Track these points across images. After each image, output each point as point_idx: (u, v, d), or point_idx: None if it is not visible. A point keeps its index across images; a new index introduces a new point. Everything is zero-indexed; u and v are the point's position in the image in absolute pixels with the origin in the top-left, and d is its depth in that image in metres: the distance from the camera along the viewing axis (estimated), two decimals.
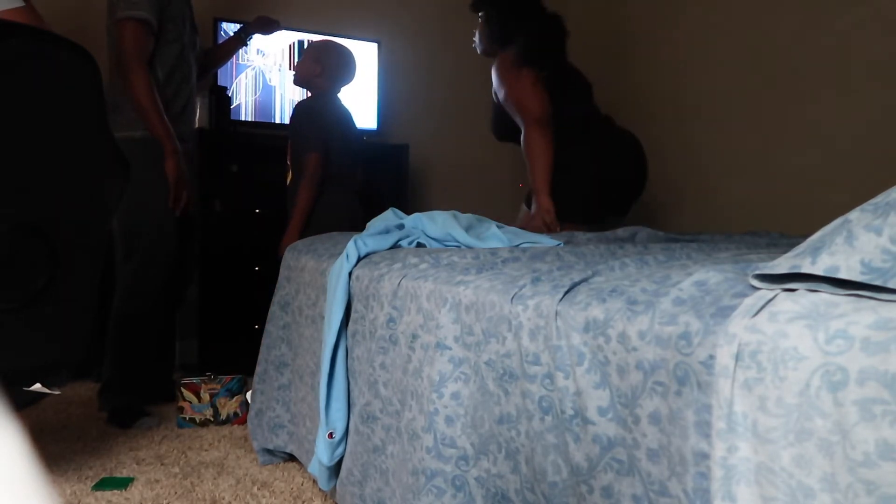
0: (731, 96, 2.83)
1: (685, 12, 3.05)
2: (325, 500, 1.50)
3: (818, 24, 2.51)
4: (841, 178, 2.42)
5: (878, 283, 0.52)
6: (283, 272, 1.76)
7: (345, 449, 1.27)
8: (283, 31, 2.74)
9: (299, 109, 2.36)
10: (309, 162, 2.25)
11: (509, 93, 2.32)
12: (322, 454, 1.27)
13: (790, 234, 1.87)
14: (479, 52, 2.49)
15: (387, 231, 1.47)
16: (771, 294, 0.60)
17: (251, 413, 1.76)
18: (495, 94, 2.42)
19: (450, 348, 0.97)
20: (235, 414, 2.08)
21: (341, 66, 2.39)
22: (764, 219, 2.64)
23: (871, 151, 2.35)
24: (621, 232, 1.65)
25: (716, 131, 2.91)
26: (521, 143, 2.31)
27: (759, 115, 2.72)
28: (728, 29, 2.86)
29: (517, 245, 1.35)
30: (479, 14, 2.44)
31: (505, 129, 2.46)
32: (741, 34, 2.80)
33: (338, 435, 1.26)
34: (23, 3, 1.56)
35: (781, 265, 0.60)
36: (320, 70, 2.36)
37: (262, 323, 1.81)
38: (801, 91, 2.57)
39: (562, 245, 1.30)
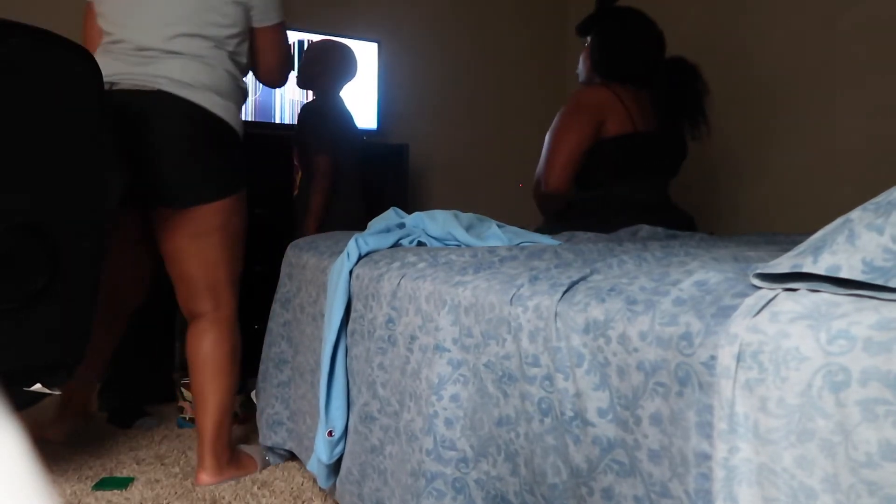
0: (729, 96, 2.83)
1: (684, 13, 3.05)
2: (325, 499, 1.50)
3: (818, 23, 2.50)
4: (841, 178, 2.42)
5: (879, 282, 0.52)
6: (284, 269, 1.76)
7: (344, 447, 1.27)
8: None
9: (306, 112, 2.37)
10: (319, 164, 2.25)
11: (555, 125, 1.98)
12: (321, 452, 1.26)
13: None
14: (580, 80, 2.17)
15: (388, 230, 1.47)
16: (772, 294, 0.59)
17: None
18: None
19: (449, 350, 0.97)
20: (235, 414, 2.08)
21: (343, 64, 2.40)
22: (763, 220, 2.64)
23: (871, 151, 2.34)
24: (623, 232, 1.65)
25: (714, 132, 2.90)
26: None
27: (756, 114, 2.72)
28: (726, 29, 2.86)
29: (517, 244, 1.34)
30: (586, 39, 2.14)
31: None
32: (737, 33, 2.80)
33: (337, 433, 1.26)
34: (283, 20, 1.71)
35: (782, 264, 0.59)
36: (322, 69, 2.36)
37: (263, 323, 1.81)
38: (800, 90, 2.57)
39: (560, 244, 1.30)
